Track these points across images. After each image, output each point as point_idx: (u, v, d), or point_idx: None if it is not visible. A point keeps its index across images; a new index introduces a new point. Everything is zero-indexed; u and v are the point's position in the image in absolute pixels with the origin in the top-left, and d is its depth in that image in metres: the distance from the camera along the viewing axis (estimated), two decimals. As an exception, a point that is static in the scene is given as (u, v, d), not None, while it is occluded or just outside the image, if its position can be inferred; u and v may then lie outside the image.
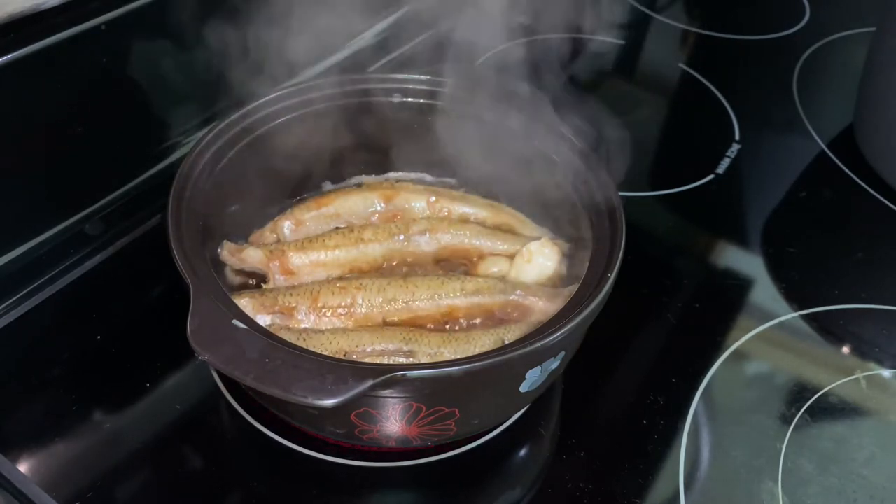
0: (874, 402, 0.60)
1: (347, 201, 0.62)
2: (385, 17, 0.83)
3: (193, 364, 0.55)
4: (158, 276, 0.60)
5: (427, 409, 0.45)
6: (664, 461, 0.53)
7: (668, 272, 0.69)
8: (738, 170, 0.79)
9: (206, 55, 0.65)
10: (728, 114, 0.86)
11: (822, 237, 0.75)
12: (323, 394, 0.39)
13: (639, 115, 0.89)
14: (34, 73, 0.54)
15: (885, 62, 0.78)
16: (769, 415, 0.57)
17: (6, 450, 0.49)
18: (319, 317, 0.53)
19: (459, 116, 0.61)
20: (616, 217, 0.52)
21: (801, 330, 0.64)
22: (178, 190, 0.50)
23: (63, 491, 0.47)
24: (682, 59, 0.95)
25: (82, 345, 0.56)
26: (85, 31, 0.55)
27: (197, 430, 0.53)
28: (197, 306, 0.43)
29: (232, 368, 0.40)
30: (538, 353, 0.44)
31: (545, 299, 0.55)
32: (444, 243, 0.60)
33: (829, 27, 1.02)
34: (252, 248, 0.56)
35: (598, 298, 0.46)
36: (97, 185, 0.62)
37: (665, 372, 0.59)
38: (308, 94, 0.59)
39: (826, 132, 0.86)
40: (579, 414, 0.56)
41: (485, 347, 0.51)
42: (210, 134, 0.54)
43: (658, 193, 0.76)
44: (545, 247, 0.58)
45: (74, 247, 0.61)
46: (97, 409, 0.52)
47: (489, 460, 0.53)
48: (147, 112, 0.64)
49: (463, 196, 0.63)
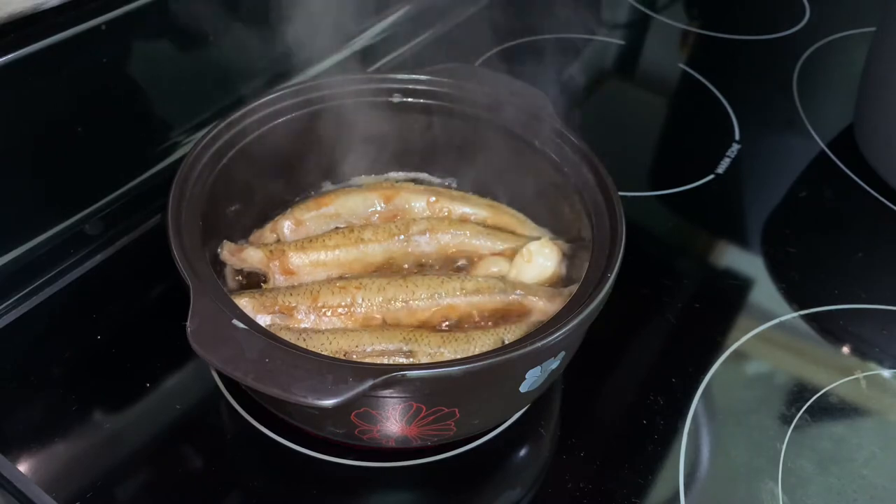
0: (874, 402, 0.60)
1: (347, 201, 0.62)
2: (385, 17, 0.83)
3: (193, 364, 0.55)
4: (158, 276, 0.60)
5: (427, 409, 0.45)
6: (664, 461, 0.53)
7: (668, 272, 0.69)
8: (738, 170, 0.79)
9: (206, 55, 0.65)
10: (728, 114, 0.86)
11: (822, 237, 0.75)
12: (323, 394, 0.39)
13: (639, 115, 0.89)
14: (34, 73, 0.54)
15: (885, 62, 0.78)
16: (769, 415, 0.57)
17: (6, 450, 0.49)
18: (319, 317, 0.53)
19: (459, 116, 0.61)
20: (616, 217, 0.52)
21: (801, 330, 0.64)
22: (178, 190, 0.50)
23: (63, 491, 0.47)
24: (682, 59, 0.95)
25: (82, 345, 0.56)
26: (85, 31, 0.55)
27: (197, 430, 0.53)
28: (197, 306, 0.43)
29: (232, 368, 0.40)
30: (538, 353, 0.44)
31: (545, 299, 0.55)
32: (444, 243, 0.60)
33: (829, 27, 1.02)
34: (252, 248, 0.56)
35: (598, 298, 0.46)
36: (97, 185, 0.62)
37: (665, 372, 0.59)
38: (308, 94, 0.59)
39: (826, 132, 0.86)
40: (579, 414, 0.56)
41: (485, 347, 0.51)
42: (210, 134, 0.54)
43: (658, 193, 0.76)
44: (545, 247, 0.58)
45: (74, 247, 0.61)
46: (97, 409, 0.52)
47: (489, 460, 0.53)
48: (147, 112, 0.64)
49: (463, 196, 0.63)
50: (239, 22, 0.65)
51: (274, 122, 0.58)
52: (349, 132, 0.62)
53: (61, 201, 0.60)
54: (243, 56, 0.64)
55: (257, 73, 0.67)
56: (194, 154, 0.53)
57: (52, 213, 0.60)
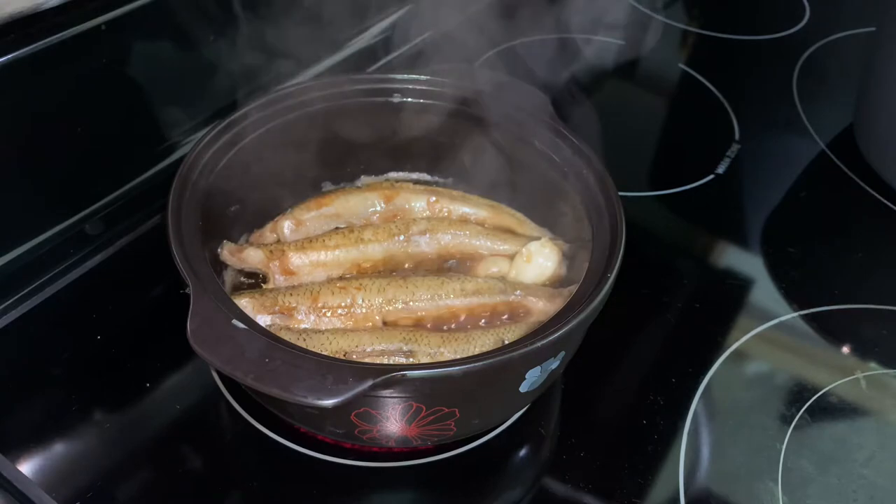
0: (874, 402, 0.60)
1: (347, 201, 0.62)
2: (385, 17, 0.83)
3: (193, 364, 0.55)
4: (158, 276, 0.60)
5: (427, 409, 0.45)
6: (664, 461, 0.53)
7: (668, 272, 0.69)
8: (738, 170, 0.79)
9: (206, 55, 0.65)
10: (728, 114, 0.86)
11: (821, 237, 0.75)
12: (323, 394, 0.39)
13: (639, 115, 0.89)
14: (34, 73, 0.54)
15: (885, 62, 0.78)
16: (769, 415, 0.57)
17: (6, 450, 0.49)
18: (319, 317, 0.53)
19: (459, 116, 0.61)
20: (616, 217, 0.52)
21: (801, 330, 0.64)
22: (178, 190, 0.50)
23: (63, 491, 0.47)
24: (682, 59, 0.95)
25: (82, 345, 0.56)
26: (85, 31, 0.55)
27: (197, 430, 0.53)
28: (197, 306, 0.43)
29: (232, 368, 0.40)
30: (538, 353, 0.44)
31: (545, 299, 0.55)
32: (443, 243, 0.60)
33: (829, 27, 1.02)
34: (252, 248, 0.56)
35: (598, 298, 0.46)
36: (97, 185, 0.62)
37: (665, 372, 0.59)
38: (308, 95, 0.59)
39: (826, 132, 0.86)
40: (579, 414, 0.56)
41: (485, 347, 0.51)
42: (210, 134, 0.54)
43: (658, 193, 0.76)
44: (545, 247, 0.58)
45: (74, 247, 0.61)
46: (97, 409, 0.52)
47: (489, 460, 0.53)
48: (147, 112, 0.64)
49: (463, 196, 0.63)
50: (239, 22, 0.65)
51: (274, 123, 0.58)
52: (349, 132, 0.62)
53: (61, 201, 0.60)
54: (243, 56, 0.64)
55: (257, 73, 0.67)
56: (194, 154, 0.53)
57: (52, 213, 0.60)
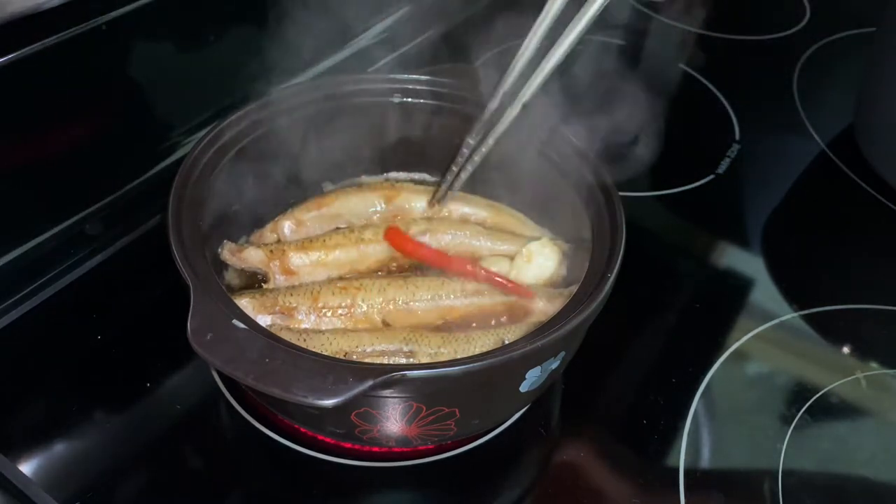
0: (874, 402, 0.60)
1: (348, 201, 0.62)
2: (385, 17, 0.83)
3: (193, 364, 0.55)
4: (158, 276, 0.60)
5: (427, 409, 0.45)
6: (664, 461, 0.53)
7: (668, 272, 0.69)
8: (738, 170, 0.79)
9: (206, 55, 0.65)
10: (728, 114, 0.86)
11: (822, 237, 0.75)
12: (323, 394, 0.39)
13: (638, 115, 0.89)
14: (34, 73, 0.54)
15: (885, 62, 0.78)
16: (769, 415, 0.57)
17: (6, 450, 0.49)
18: (320, 317, 0.53)
19: (459, 116, 0.61)
20: (616, 217, 0.52)
21: (801, 330, 0.64)
22: (178, 190, 0.50)
23: (63, 491, 0.47)
24: (682, 59, 0.95)
25: (82, 345, 0.56)
26: (85, 31, 0.55)
27: (197, 430, 0.53)
28: (197, 306, 0.43)
29: (232, 368, 0.40)
30: (538, 353, 0.44)
31: (545, 299, 0.55)
32: (444, 243, 0.60)
33: (829, 27, 1.02)
34: (252, 248, 0.56)
35: (598, 298, 0.46)
36: (97, 185, 0.62)
37: (665, 372, 0.59)
38: (308, 95, 0.59)
39: (826, 132, 0.86)
40: (579, 414, 0.56)
41: (485, 347, 0.51)
42: (210, 134, 0.54)
43: (658, 193, 0.76)
44: (545, 247, 0.58)
45: (74, 247, 0.61)
46: (97, 409, 0.52)
47: (489, 460, 0.53)
48: (147, 112, 0.64)
49: (463, 196, 0.63)
50: (239, 22, 0.65)
51: (274, 123, 0.58)
52: (349, 132, 0.62)
53: (61, 201, 0.60)
54: (244, 56, 0.64)
55: (257, 73, 0.67)
56: (194, 154, 0.53)
57: (52, 213, 0.60)
